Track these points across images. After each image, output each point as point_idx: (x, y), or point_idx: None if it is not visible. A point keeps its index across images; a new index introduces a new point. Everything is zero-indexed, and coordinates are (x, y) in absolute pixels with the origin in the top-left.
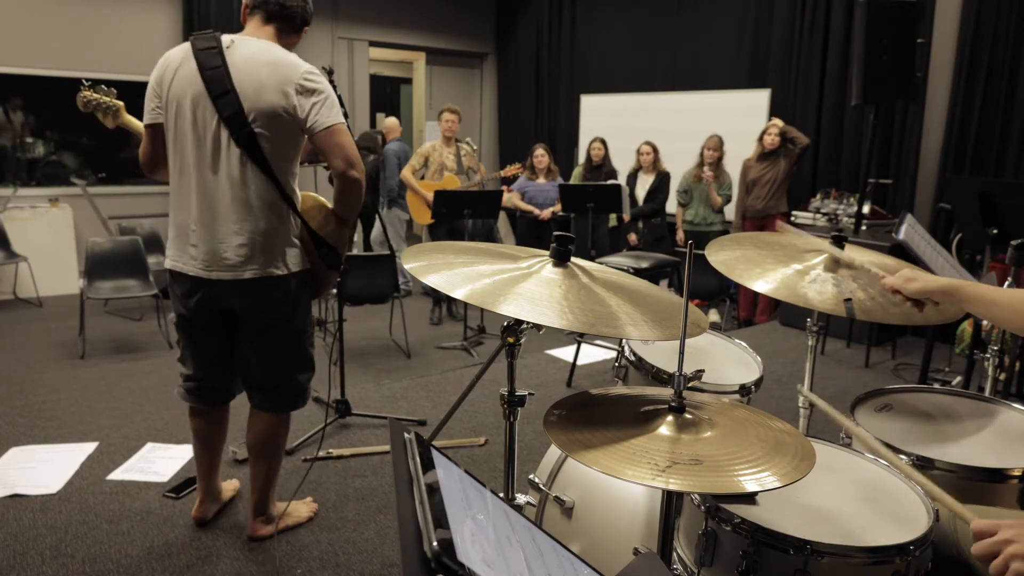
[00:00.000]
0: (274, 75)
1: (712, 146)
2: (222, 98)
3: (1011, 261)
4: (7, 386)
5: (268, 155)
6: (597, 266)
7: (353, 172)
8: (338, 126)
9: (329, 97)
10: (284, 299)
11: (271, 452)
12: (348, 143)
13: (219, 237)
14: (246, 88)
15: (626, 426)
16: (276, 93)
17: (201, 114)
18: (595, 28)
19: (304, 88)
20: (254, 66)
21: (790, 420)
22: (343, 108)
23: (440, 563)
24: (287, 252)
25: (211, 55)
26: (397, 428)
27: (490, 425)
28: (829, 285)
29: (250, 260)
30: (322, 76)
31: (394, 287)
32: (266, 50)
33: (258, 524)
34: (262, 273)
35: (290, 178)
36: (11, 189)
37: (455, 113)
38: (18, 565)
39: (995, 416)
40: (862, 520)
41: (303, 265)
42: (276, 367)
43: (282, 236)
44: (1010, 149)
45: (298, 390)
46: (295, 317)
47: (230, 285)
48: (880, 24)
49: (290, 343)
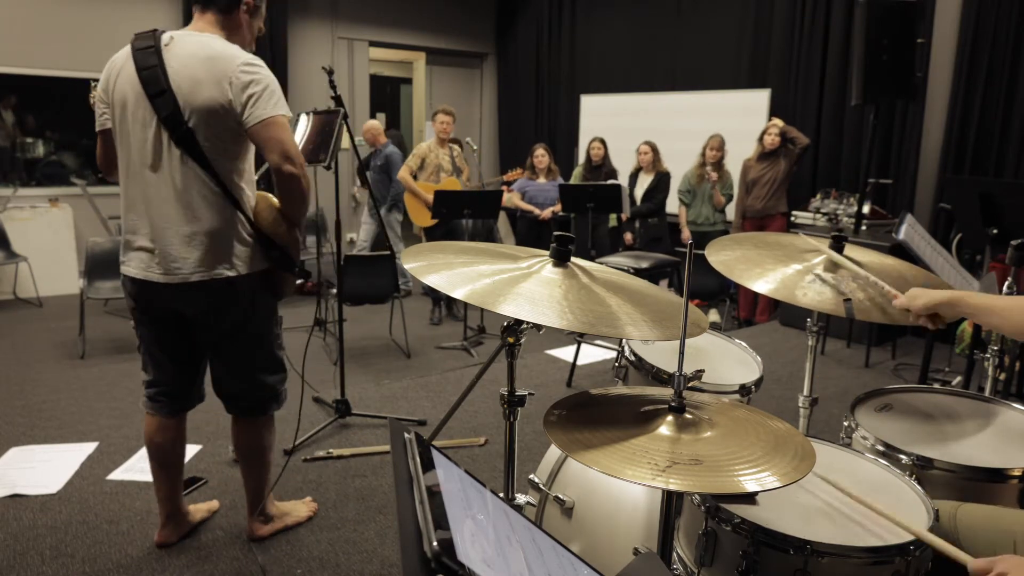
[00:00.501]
0: (210, 70)
1: (715, 146)
2: (158, 98)
3: (1011, 261)
4: (7, 386)
5: (208, 154)
6: (597, 266)
7: (288, 167)
8: (274, 119)
9: (267, 88)
10: (236, 302)
11: (257, 455)
12: (284, 137)
13: (165, 240)
14: (182, 85)
15: (626, 426)
16: (212, 88)
17: (142, 115)
18: (595, 28)
19: (241, 80)
20: (191, 62)
21: (790, 420)
22: (342, 107)
23: (440, 563)
24: (236, 253)
25: (147, 54)
26: (397, 428)
27: (490, 425)
28: (829, 285)
29: (196, 262)
30: (261, 66)
31: (394, 287)
32: (205, 44)
33: (256, 524)
34: (209, 276)
35: (236, 176)
36: (11, 189)
37: (449, 114)
38: (18, 565)
39: (995, 416)
40: (862, 520)
41: (257, 266)
42: (242, 373)
43: (229, 237)
44: (1010, 149)
45: (270, 393)
46: (255, 321)
47: (177, 288)
48: (880, 24)
49: (254, 348)
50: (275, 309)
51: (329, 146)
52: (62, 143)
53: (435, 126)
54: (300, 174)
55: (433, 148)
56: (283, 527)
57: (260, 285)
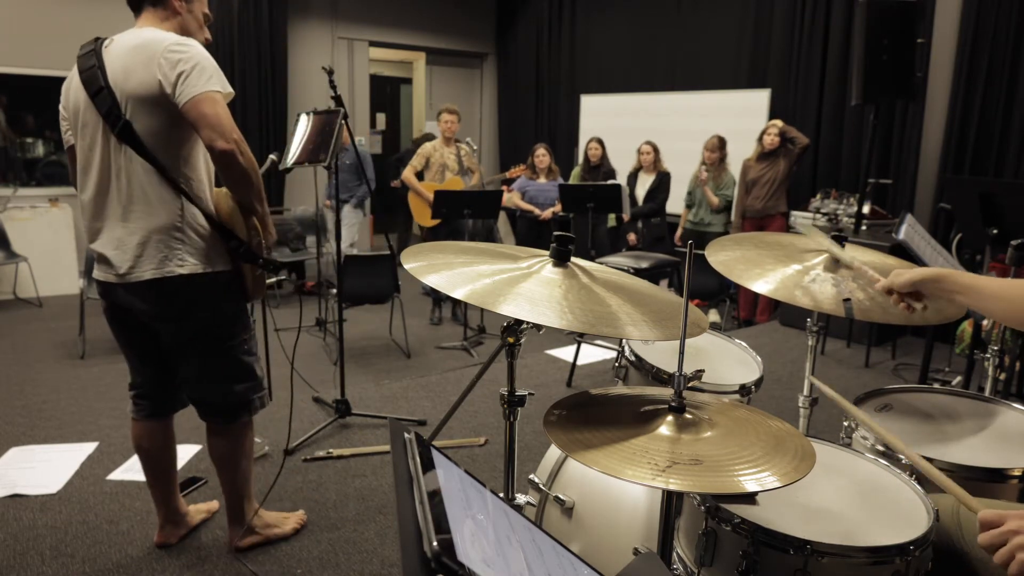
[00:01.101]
0: (139, 56)
1: (710, 147)
2: (98, 96)
3: (1011, 261)
4: (7, 386)
5: (149, 144)
6: (597, 266)
7: (221, 143)
8: (204, 95)
9: (198, 64)
10: (194, 302)
11: (231, 463)
12: (215, 112)
13: (116, 239)
14: (117, 79)
15: (626, 426)
16: (143, 74)
17: (91, 118)
18: (595, 28)
19: (169, 61)
20: (122, 54)
21: (790, 420)
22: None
23: (440, 563)
24: (190, 249)
25: (87, 57)
26: (397, 428)
27: (490, 425)
28: (829, 285)
29: (147, 260)
30: (190, 45)
31: (394, 287)
32: (137, 35)
33: (236, 534)
34: (160, 274)
35: (183, 166)
36: (11, 189)
37: (454, 113)
38: (18, 565)
39: (995, 416)
40: (862, 520)
41: (219, 264)
42: (207, 378)
43: (180, 231)
44: (1010, 149)
45: (238, 400)
46: (217, 324)
47: (131, 288)
48: (880, 24)
49: (216, 353)
50: (242, 313)
51: (329, 146)
52: (62, 143)
53: (440, 125)
54: (234, 150)
55: (438, 147)
56: (264, 540)
57: (225, 285)
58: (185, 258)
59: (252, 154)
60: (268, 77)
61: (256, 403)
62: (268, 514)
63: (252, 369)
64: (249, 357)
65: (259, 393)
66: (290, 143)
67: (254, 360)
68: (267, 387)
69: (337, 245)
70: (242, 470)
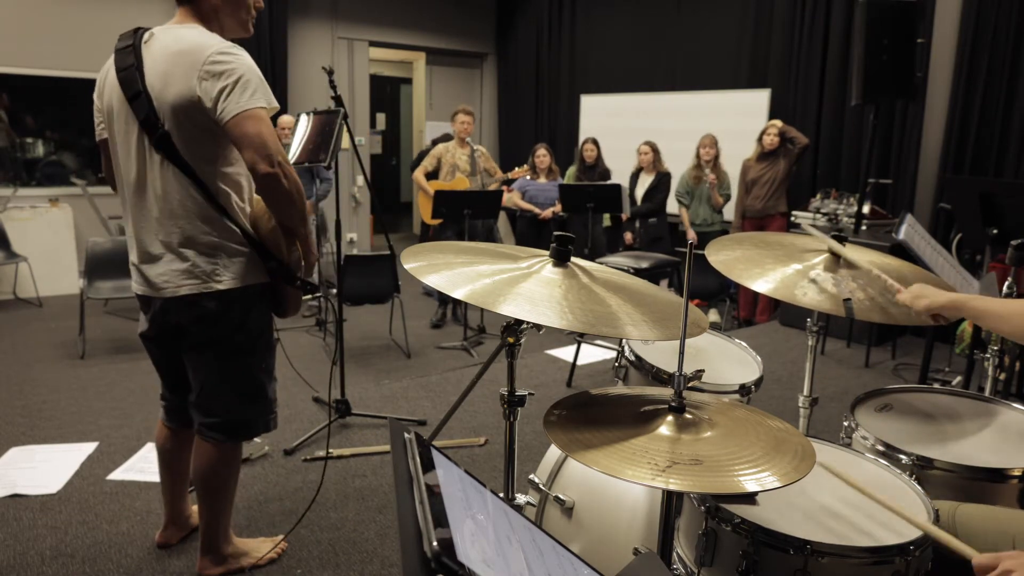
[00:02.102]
0: (180, 64)
1: (706, 144)
2: (135, 101)
3: (1011, 261)
4: (7, 386)
5: (188, 157)
6: (597, 266)
7: (264, 166)
8: (249, 112)
9: (241, 78)
10: (224, 315)
11: (215, 487)
12: (258, 131)
13: (152, 253)
14: (155, 84)
15: (626, 426)
16: (182, 84)
17: (124, 120)
18: (595, 28)
19: (211, 73)
20: (163, 58)
21: (790, 420)
22: (342, 107)
23: (440, 563)
24: (226, 265)
25: (126, 54)
26: (397, 428)
27: (490, 425)
28: (829, 285)
29: (184, 275)
30: (236, 55)
31: (394, 287)
32: (179, 38)
33: (206, 563)
34: (199, 289)
35: (220, 181)
36: (11, 189)
37: (469, 114)
38: (18, 565)
39: (995, 416)
40: (862, 520)
41: (253, 279)
42: (217, 390)
43: (217, 247)
44: (1010, 149)
45: (242, 420)
46: (239, 336)
47: (169, 303)
48: (880, 24)
49: (234, 365)
50: (268, 330)
51: (329, 146)
52: (62, 143)
53: (455, 126)
54: (277, 172)
55: (451, 148)
56: (237, 568)
57: (258, 300)
58: (223, 274)
59: (297, 176)
60: (268, 77)
61: (260, 427)
62: (242, 542)
63: (265, 390)
64: (264, 376)
65: (267, 416)
66: (290, 143)
67: (268, 380)
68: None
69: (337, 245)
70: (223, 494)
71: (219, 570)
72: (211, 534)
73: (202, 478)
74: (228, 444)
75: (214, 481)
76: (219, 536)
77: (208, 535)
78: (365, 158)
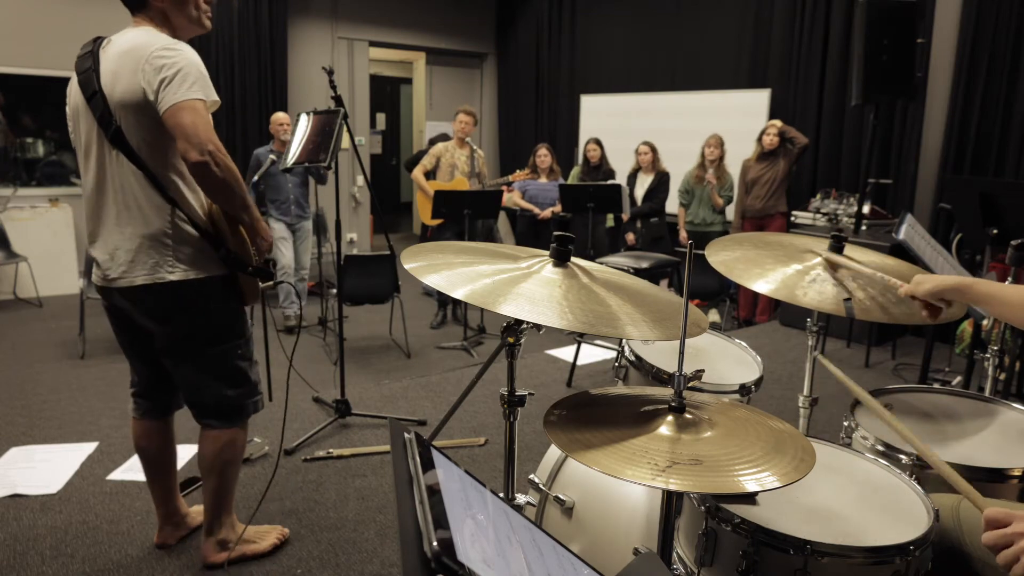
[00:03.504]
0: (128, 60)
1: (713, 144)
2: (92, 100)
3: (1011, 261)
4: (7, 386)
5: (138, 150)
6: (597, 266)
7: (194, 155)
8: (183, 103)
9: (181, 71)
10: (186, 307)
11: (217, 470)
12: (192, 121)
13: (110, 244)
14: (107, 82)
15: (626, 426)
16: (129, 79)
17: (86, 121)
18: (595, 28)
19: (153, 67)
20: (114, 58)
21: (790, 420)
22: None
23: (440, 563)
24: (179, 255)
25: (85, 59)
26: (397, 428)
27: (490, 425)
28: (829, 285)
29: (138, 265)
30: (179, 50)
31: (394, 287)
32: (129, 39)
33: (209, 548)
34: (151, 279)
35: (172, 173)
36: (11, 189)
37: (470, 115)
38: (18, 565)
39: (995, 416)
40: (862, 520)
41: (212, 269)
42: (200, 381)
43: (169, 238)
44: (1010, 149)
45: (231, 404)
46: (209, 327)
47: (124, 292)
48: (880, 24)
49: (209, 356)
50: (237, 318)
51: (329, 146)
52: (62, 143)
53: (455, 125)
54: (207, 161)
55: (451, 148)
56: (240, 556)
57: (218, 290)
58: (176, 264)
59: (232, 163)
60: (268, 77)
61: (250, 408)
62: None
63: (246, 374)
64: (243, 362)
65: (253, 398)
66: (290, 143)
67: (248, 365)
68: (264, 391)
69: (338, 245)
70: (226, 478)
71: (223, 556)
72: (215, 520)
73: (205, 463)
74: (227, 429)
75: (217, 465)
76: (223, 520)
77: (212, 521)
78: (365, 158)
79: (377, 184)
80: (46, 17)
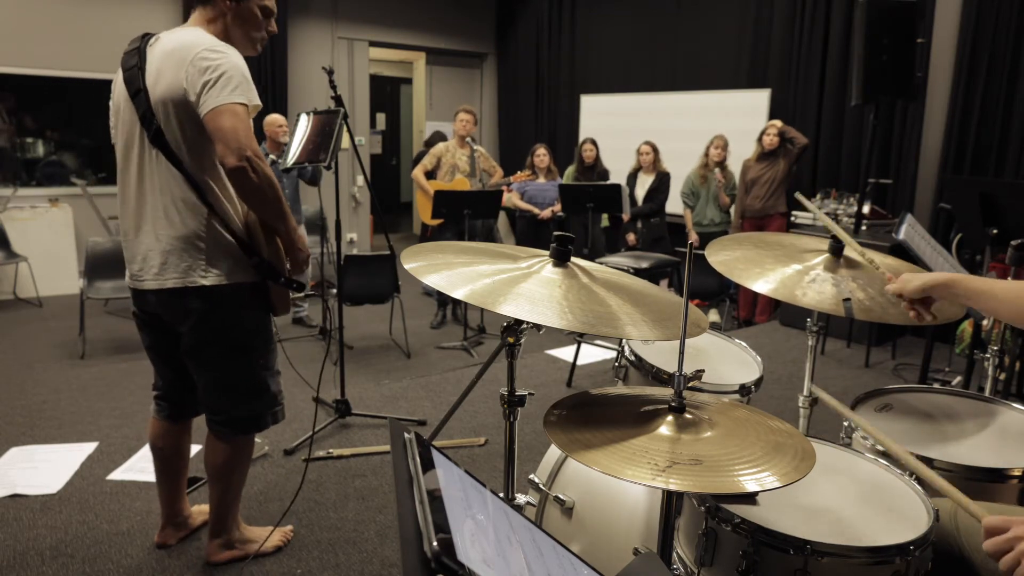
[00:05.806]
0: (172, 60)
1: (719, 144)
2: (136, 97)
3: (1011, 261)
4: (7, 386)
5: (177, 151)
6: (597, 266)
7: (231, 160)
8: (224, 107)
9: (225, 74)
10: (215, 313)
11: (224, 476)
12: (232, 125)
13: (144, 245)
14: (151, 81)
15: (626, 426)
16: (172, 79)
17: (128, 118)
18: (595, 28)
19: (197, 68)
20: (160, 57)
21: (790, 420)
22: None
23: (440, 563)
24: (213, 260)
25: (131, 56)
26: (397, 428)
27: (490, 425)
28: (829, 285)
29: (171, 268)
30: (224, 52)
31: (394, 287)
32: (177, 38)
33: (213, 547)
34: (183, 282)
35: (210, 177)
36: (11, 189)
37: (470, 114)
38: (18, 565)
39: (995, 416)
40: (862, 520)
41: (239, 277)
42: (220, 388)
43: (204, 243)
44: (1010, 149)
45: (248, 415)
46: (235, 334)
47: (156, 295)
48: (880, 24)
49: (233, 364)
50: (264, 327)
51: (329, 146)
52: (62, 143)
53: (455, 124)
54: (245, 166)
55: (451, 148)
56: (243, 555)
57: (249, 298)
58: (208, 269)
59: (270, 171)
60: (268, 77)
61: (268, 419)
62: (250, 529)
63: (267, 385)
64: (266, 372)
65: (272, 409)
66: (290, 143)
67: (270, 375)
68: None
69: (338, 245)
70: (233, 483)
71: (227, 555)
72: (220, 520)
73: (213, 470)
74: (238, 438)
75: (224, 472)
76: (228, 522)
77: (217, 521)
78: (365, 158)
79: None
80: (46, 17)
